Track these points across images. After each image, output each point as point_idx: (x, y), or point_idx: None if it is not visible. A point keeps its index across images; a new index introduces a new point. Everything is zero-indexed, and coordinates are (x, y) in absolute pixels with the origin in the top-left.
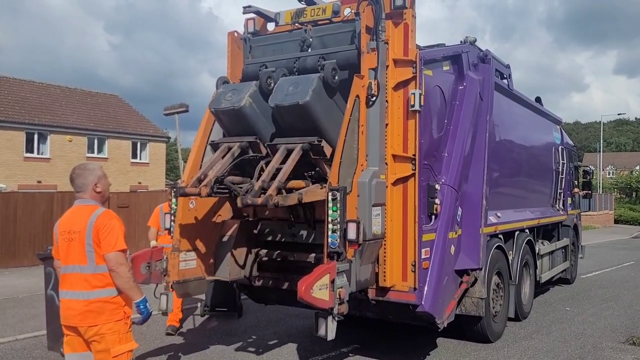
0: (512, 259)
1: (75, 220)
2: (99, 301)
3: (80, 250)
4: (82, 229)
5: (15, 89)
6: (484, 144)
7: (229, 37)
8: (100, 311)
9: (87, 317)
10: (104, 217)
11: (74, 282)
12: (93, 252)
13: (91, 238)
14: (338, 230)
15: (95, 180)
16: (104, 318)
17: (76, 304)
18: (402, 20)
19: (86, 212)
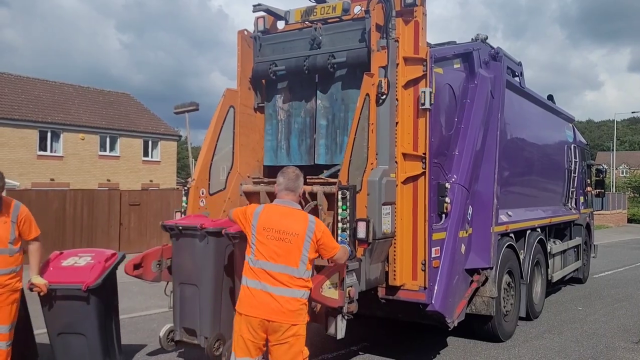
0: (523, 258)
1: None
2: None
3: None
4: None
5: (29, 88)
6: (495, 142)
7: (238, 36)
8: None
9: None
10: None
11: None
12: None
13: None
14: (348, 229)
15: None
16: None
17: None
18: (412, 18)
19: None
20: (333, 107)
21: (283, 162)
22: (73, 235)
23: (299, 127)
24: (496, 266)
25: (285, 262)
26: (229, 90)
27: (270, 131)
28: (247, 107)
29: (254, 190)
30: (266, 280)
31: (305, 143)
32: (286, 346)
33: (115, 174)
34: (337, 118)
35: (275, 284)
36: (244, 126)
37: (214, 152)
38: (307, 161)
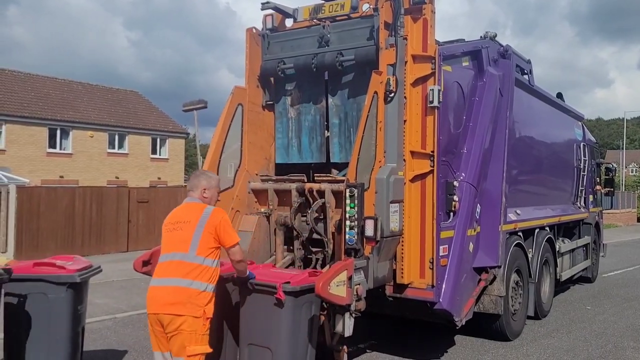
0: (531, 256)
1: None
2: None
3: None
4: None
5: (39, 86)
6: (504, 140)
7: (247, 34)
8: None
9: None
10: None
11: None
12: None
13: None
14: (356, 227)
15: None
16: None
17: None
18: (421, 15)
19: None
20: (345, 106)
21: (294, 160)
22: (82, 232)
23: (309, 125)
24: (504, 265)
25: (175, 248)
26: (237, 87)
27: (280, 129)
28: (255, 104)
29: (262, 188)
30: (160, 274)
31: (316, 141)
32: (172, 340)
33: (124, 171)
34: (349, 116)
35: (164, 275)
36: (253, 124)
37: (222, 150)
38: (318, 159)
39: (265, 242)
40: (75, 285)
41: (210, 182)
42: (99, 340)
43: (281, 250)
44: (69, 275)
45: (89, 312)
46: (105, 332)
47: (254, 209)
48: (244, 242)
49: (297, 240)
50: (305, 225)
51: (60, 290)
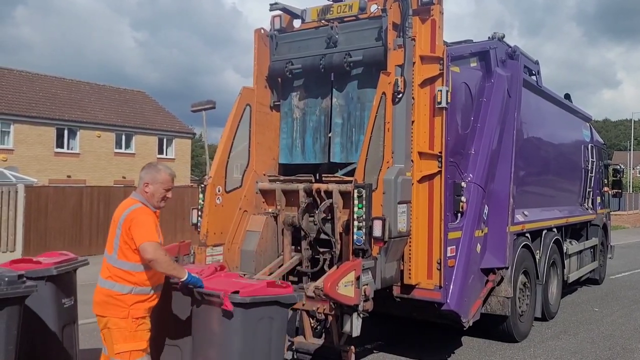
0: (539, 258)
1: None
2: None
3: (111, 239)
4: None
5: (47, 86)
6: (512, 141)
7: (255, 34)
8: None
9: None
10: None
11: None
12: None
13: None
14: (364, 228)
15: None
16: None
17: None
18: (429, 16)
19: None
20: (349, 106)
21: (298, 160)
22: (90, 231)
23: (313, 125)
24: (512, 266)
25: (106, 247)
26: (245, 88)
27: (285, 129)
28: (263, 105)
29: (270, 188)
30: (100, 272)
31: (319, 141)
32: (103, 338)
33: (131, 171)
34: (352, 116)
35: (100, 274)
36: (260, 124)
37: (230, 150)
38: (321, 159)
39: (273, 242)
40: (54, 278)
41: (154, 176)
42: None
43: (289, 251)
44: (46, 269)
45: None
46: None
47: (261, 209)
48: (252, 242)
49: (305, 240)
50: (312, 226)
51: (39, 285)
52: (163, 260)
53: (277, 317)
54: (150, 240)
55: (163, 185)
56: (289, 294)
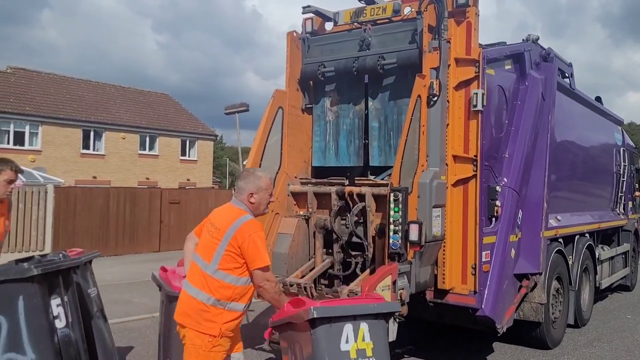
0: (571, 263)
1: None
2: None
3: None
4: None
5: (73, 88)
6: (546, 145)
7: (288, 37)
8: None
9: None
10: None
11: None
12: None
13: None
14: (400, 231)
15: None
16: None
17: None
18: (464, 18)
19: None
20: (385, 109)
21: (331, 163)
22: (116, 231)
23: (347, 128)
24: (545, 272)
25: (202, 252)
26: (278, 91)
27: (318, 132)
28: (295, 108)
29: (302, 191)
30: (188, 275)
31: (354, 144)
32: (184, 351)
33: (154, 172)
34: (389, 120)
35: (189, 279)
36: (292, 127)
37: (263, 153)
38: (356, 162)
39: (304, 245)
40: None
41: (257, 184)
42: (140, 338)
43: (320, 254)
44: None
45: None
46: (145, 330)
47: (292, 212)
48: (283, 244)
49: (337, 243)
50: (344, 229)
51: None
52: (272, 289)
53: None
54: (265, 265)
55: (268, 191)
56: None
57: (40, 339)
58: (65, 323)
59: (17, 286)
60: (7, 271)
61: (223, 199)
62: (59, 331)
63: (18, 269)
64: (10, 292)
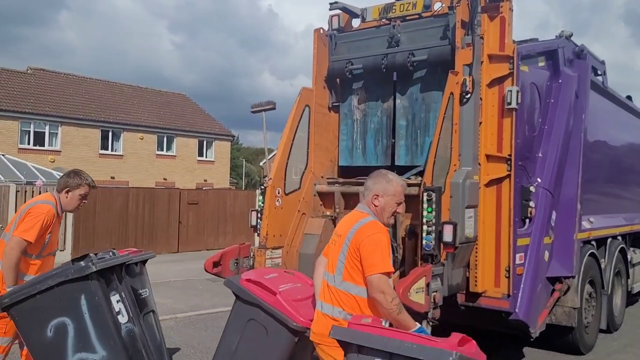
0: (604, 267)
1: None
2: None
3: (335, 257)
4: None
5: (92, 88)
6: (579, 144)
7: (315, 34)
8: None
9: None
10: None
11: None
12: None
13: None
14: (433, 232)
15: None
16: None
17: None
18: (498, 13)
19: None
20: (413, 107)
21: (358, 163)
22: (135, 232)
23: (375, 127)
24: (578, 275)
25: (327, 266)
26: (304, 89)
27: (345, 131)
28: (322, 106)
29: (328, 191)
30: (319, 293)
31: (381, 143)
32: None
33: (172, 173)
34: (417, 118)
35: (321, 298)
36: (319, 126)
37: (290, 151)
38: (383, 162)
39: None
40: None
41: (385, 187)
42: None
43: None
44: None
45: None
46: (168, 331)
47: (319, 212)
48: (310, 245)
49: None
50: None
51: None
52: (388, 305)
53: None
54: (381, 271)
55: (395, 198)
56: None
57: (107, 336)
58: (128, 318)
59: (77, 285)
60: (66, 271)
61: (241, 199)
62: (123, 326)
63: (76, 268)
64: (72, 292)
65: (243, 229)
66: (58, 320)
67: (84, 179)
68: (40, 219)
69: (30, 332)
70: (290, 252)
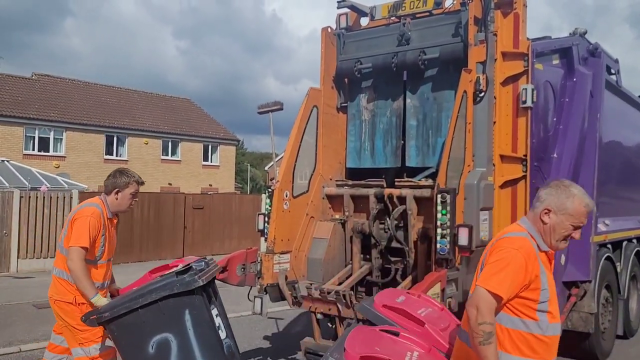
0: (620, 270)
1: None
2: None
3: None
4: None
5: (96, 94)
6: (595, 145)
7: (322, 33)
8: None
9: None
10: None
11: None
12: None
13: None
14: (447, 236)
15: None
16: None
17: None
18: (512, 9)
19: None
20: (424, 107)
21: (367, 165)
22: (140, 237)
23: (384, 128)
24: (595, 279)
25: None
26: (312, 89)
27: (353, 132)
28: (330, 107)
29: (338, 194)
30: None
31: (391, 144)
32: None
33: (177, 177)
34: (428, 118)
35: None
36: (327, 126)
37: (298, 153)
38: (393, 163)
39: (340, 250)
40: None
41: (563, 202)
42: None
43: (358, 259)
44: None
45: None
46: None
47: (328, 216)
48: (319, 250)
49: (375, 249)
50: (383, 233)
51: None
52: (477, 328)
53: None
54: (492, 289)
55: (573, 219)
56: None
57: (212, 353)
58: (226, 334)
59: (182, 300)
60: (170, 285)
61: (247, 204)
62: (223, 342)
63: (182, 281)
64: (176, 307)
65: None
66: (161, 336)
67: (131, 177)
68: (85, 222)
69: (130, 348)
70: (298, 256)
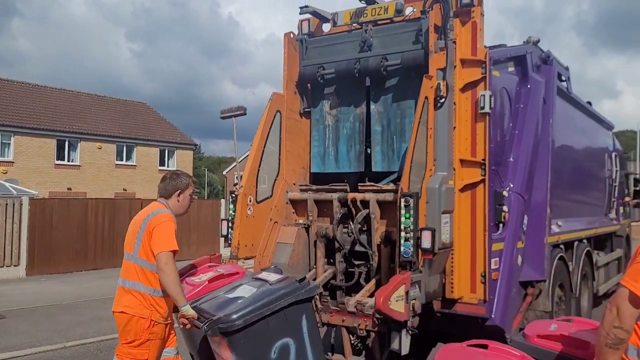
0: (572, 270)
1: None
2: None
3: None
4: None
5: (47, 97)
6: (548, 149)
7: (285, 38)
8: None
9: None
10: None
11: None
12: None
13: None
14: (411, 239)
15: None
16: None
17: None
18: (470, 18)
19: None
20: (388, 112)
21: (331, 169)
22: (95, 244)
23: (347, 133)
24: (549, 279)
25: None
26: (275, 94)
27: (317, 137)
28: (293, 112)
29: (301, 198)
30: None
31: (354, 149)
32: None
33: (132, 183)
34: (392, 123)
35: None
36: (290, 132)
37: (261, 158)
38: (356, 168)
39: (304, 255)
40: None
41: None
42: None
43: (322, 264)
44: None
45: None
46: None
47: (292, 220)
48: (283, 254)
49: (339, 252)
50: (347, 237)
51: None
52: (610, 330)
53: None
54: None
55: None
56: None
57: (321, 357)
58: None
59: (302, 307)
60: (295, 292)
61: (205, 209)
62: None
63: (307, 288)
64: (297, 313)
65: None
66: (282, 341)
67: (189, 177)
68: (168, 226)
69: (255, 353)
70: (262, 262)
